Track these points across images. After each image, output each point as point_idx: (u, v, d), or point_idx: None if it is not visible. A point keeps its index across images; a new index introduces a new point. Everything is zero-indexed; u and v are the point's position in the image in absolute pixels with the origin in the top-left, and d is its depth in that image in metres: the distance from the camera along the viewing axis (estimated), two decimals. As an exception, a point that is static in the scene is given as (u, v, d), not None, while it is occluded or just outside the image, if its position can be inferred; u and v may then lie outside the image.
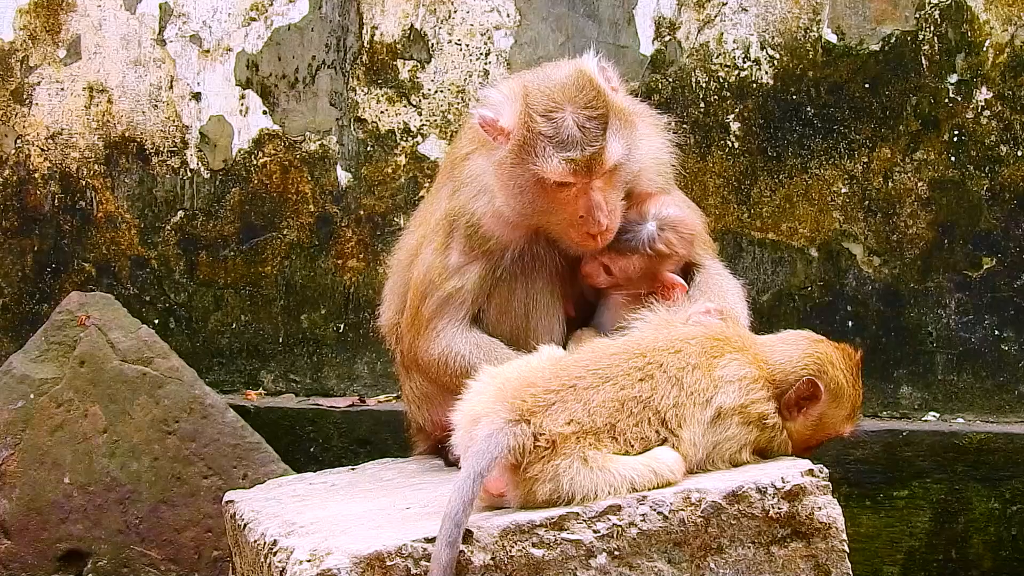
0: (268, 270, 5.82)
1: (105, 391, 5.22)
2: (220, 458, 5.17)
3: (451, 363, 4.07)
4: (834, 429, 3.77)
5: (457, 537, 3.17)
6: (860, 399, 3.80)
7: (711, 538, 3.40)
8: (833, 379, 3.70)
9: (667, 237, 4.07)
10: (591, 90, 3.90)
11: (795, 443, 3.70)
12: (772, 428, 3.63)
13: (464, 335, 4.09)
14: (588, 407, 3.39)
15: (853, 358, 3.78)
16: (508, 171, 3.95)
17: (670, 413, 3.48)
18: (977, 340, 5.35)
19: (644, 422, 3.44)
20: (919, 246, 5.38)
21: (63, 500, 5.16)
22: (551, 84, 3.93)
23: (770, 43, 5.42)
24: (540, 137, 3.86)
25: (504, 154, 3.94)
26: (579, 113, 3.86)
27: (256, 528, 3.70)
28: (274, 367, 5.83)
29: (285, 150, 5.79)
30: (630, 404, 3.44)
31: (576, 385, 3.43)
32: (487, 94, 4.06)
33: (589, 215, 3.92)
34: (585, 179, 3.88)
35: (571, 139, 3.85)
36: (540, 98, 3.90)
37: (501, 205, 4.01)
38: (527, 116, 3.89)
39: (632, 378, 3.48)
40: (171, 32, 5.85)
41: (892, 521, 5.13)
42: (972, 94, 5.31)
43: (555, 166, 3.85)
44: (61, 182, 5.93)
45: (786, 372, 3.66)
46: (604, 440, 3.38)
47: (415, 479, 4.13)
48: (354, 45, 5.71)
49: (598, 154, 3.86)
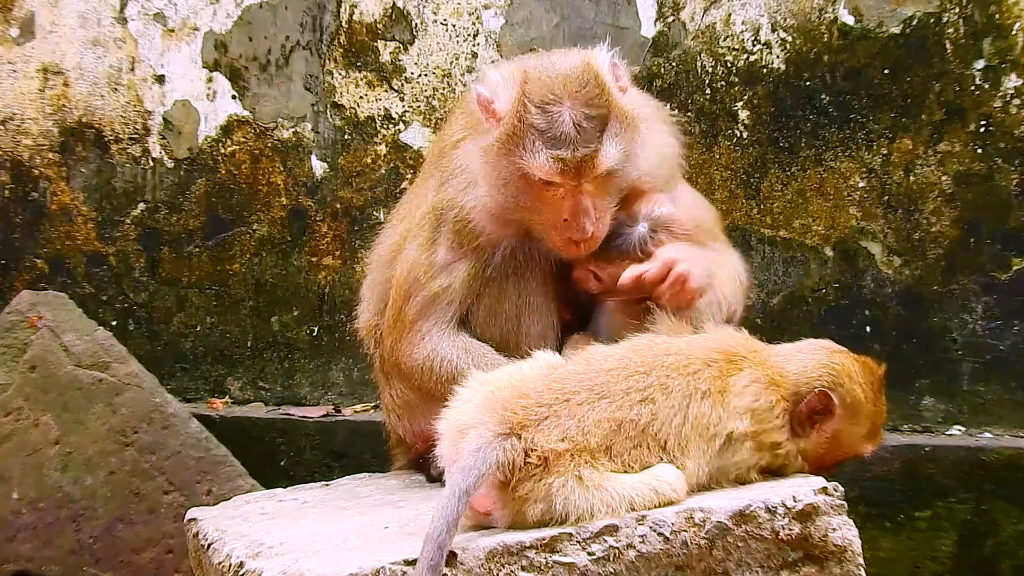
0: (236, 268, 5.82)
1: (58, 399, 5.21)
2: (182, 472, 5.17)
3: (436, 368, 4.07)
4: (851, 448, 3.75)
5: (440, 560, 3.15)
6: (882, 417, 3.78)
7: (716, 562, 3.39)
8: (850, 392, 3.67)
9: (659, 240, 4.05)
10: (595, 87, 3.89)
11: (809, 462, 3.68)
12: (785, 456, 3.61)
13: (451, 338, 4.08)
14: (583, 425, 3.36)
15: (875, 372, 3.75)
16: (493, 160, 3.95)
17: (672, 443, 3.45)
18: (1006, 347, 5.35)
19: (643, 446, 3.42)
20: (943, 245, 5.38)
21: (11, 517, 5.15)
22: (552, 74, 3.91)
23: (782, 25, 5.43)
24: (531, 129, 3.85)
25: (491, 141, 3.94)
26: (577, 110, 3.84)
27: (221, 549, 3.69)
28: (242, 373, 5.84)
29: (255, 138, 5.79)
30: (627, 427, 3.41)
31: (570, 400, 3.40)
32: (487, 72, 4.06)
33: (574, 220, 3.90)
34: (573, 181, 3.87)
35: (564, 137, 3.83)
36: (538, 87, 3.88)
37: (485, 197, 4.01)
38: (521, 104, 3.88)
39: (631, 399, 3.44)
40: (133, 10, 5.85)
41: (913, 544, 5.13)
42: (1000, 81, 5.32)
43: (542, 163, 3.84)
44: (12, 171, 5.94)
45: (799, 384, 3.64)
46: (600, 459, 3.36)
47: (395, 496, 4.12)
48: (331, 24, 5.72)
49: (590, 157, 3.84)
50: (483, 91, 3.97)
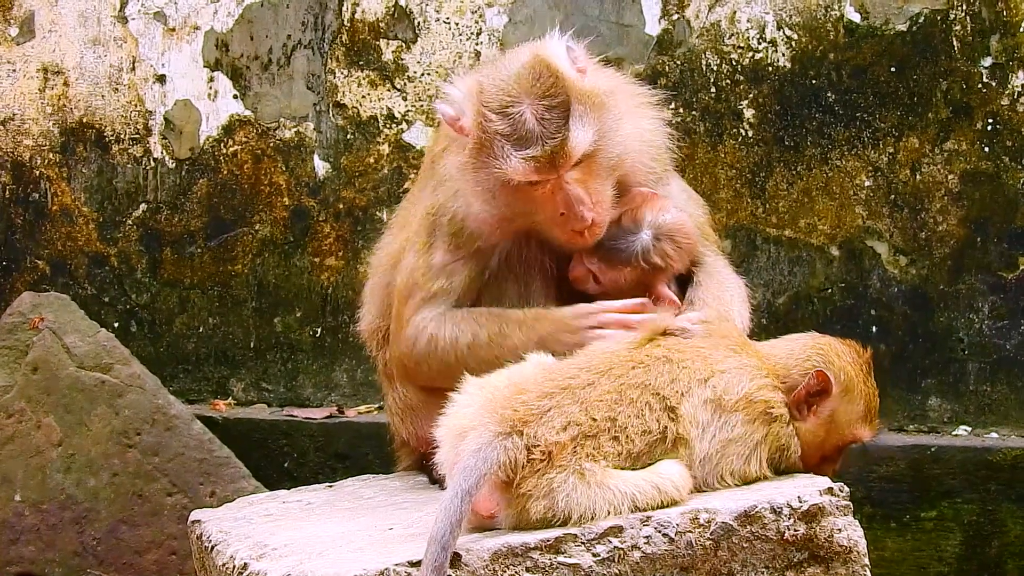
0: (238, 269, 5.82)
1: (60, 400, 5.22)
2: (185, 474, 5.18)
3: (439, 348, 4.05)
4: (850, 431, 3.77)
5: (444, 561, 3.16)
6: (875, 398, 3.81)
7: (721, 562, 3.40)
8: (842, 370, 3.72)
9: (663, 248, 4.05)
10: (548, 77, 3.87)
11: (809, 449, 3.70)
12: (779, 420, 3.63)
13: (449, 317, 4.07)
14: (585, 404, 3.42)
15: (862, 355, 3.81)
16: (472, 175, 3.96)
17: (669, 389, 3.51)
18: (1012, 347, 5.35)
19: (645, 409, 3.45)
20: (949, 244, 5.39)
21: (14, 519, 5.17)
22: (505, 76, 3.91)
23: (787, 22, 5.43)
24: (497, 136, 3.85)
25: (465, 158, 3.96)
26: (536, 104, 3.84)
27: (225, 550, 3.70)
28: (245, 375, 5.84)
29: (257, 138, 5.79)
30: (629, 391, 3.46)
31: (571, 385, 3.46)
32: (448, 91, 4.05)
33: (570, 211, 3.90)
34: (552, 175, 3.87)
35: (529, 135, 3.83)
36: (494, 93, 3.88)
37: (479, 210, 4.02)
38: (481, 115, 3.88)
39: (629, 367, 3.53)
40: (133, 8, 5.85)
41: (919, 545, 5.14)
42: (1008, 79, 5.32)
43: (515, 166, 3.84)
44: (13, 172, 5.93)
45: (789, 367, 3.70)
46: (604, 443, 3.39)
47: (398, 497, 4.13)
48: (333, 23, 5.72)
49: (561, 146, 3.84)
50: (447, 109, 3.98)
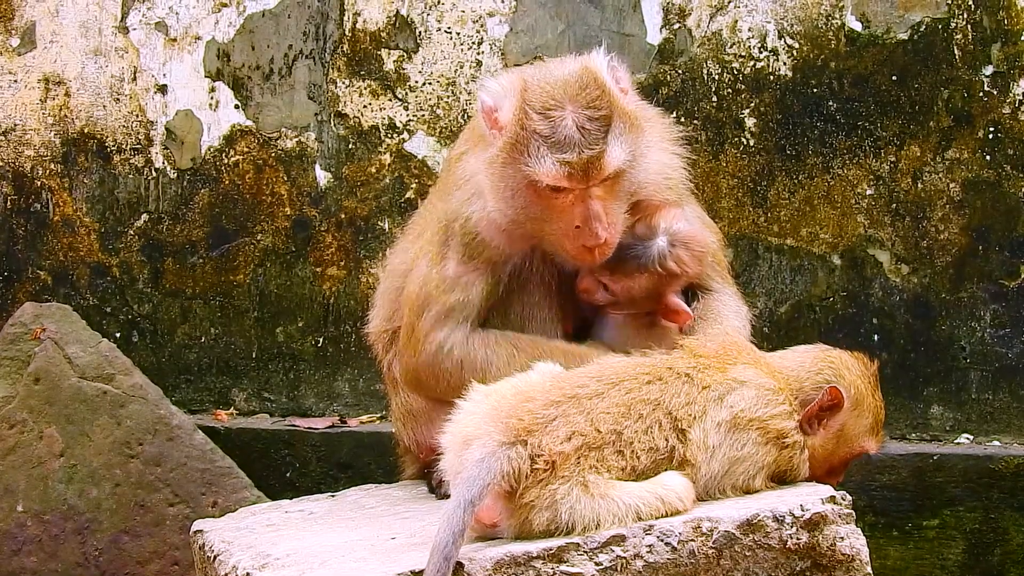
0: (240, 279, 5.83)
1: (62, 411, 5.22)
2: (188, 484, 5.18)
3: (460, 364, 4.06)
4: (857, 443, 3.79)
5: (447, 570, 3.17)
6: (882, 411, 3.83)
7: (724, 571, 3.41)
8: (852, 384, 3.75)
9: (678, 254, 4.06)
10: (595, 89, 3.91)
11: (817, 462, 3.72)
12: (792, 447, 3.65)
13: (480, 339, 4.08)
14: (592, 415, 3.41)
15: (870, 367, 3.84)
16: (499, 171, 3.97)
17: (683, 411, 3.51)
18: (1014, 356, 5.36)
19: (654, 427, 3.46)
20: (951, 253, 5.40)
21: (16, 530, 5.16)
22: (552, 80, 3.94)
23: (789, 31, 5.45)
24: (535, 136, 3.88)
25: (496, 152, 3.96)
26: (580, 113, 3.87)
27: (227, 560, 3.71)
28: (247, 385, 5.84)
29: (259, 148, 5.80)
30: (639, 407, 3.46)
31: (578, 394, 3.46)
32: (487, 82, 4.08)
33: (586, 225, 3.92)
34: (582, 184, 3.89)
35: (568, 140, 3.86)
36: (539, 94, 3.91)
37: (493, 211, 4.03)
38: (523, 112, 3.91)
39: (641, 381, 3.53)
40: (134, 19, 5.86)
41: (922, 553, 5.14)
42: (1009, 87, 5.33)
43: (548, 168, 3.86)
44: (14, 182, 5.94)
45: (801, 380, 3.71)
46: (608, 456, 3.39)
47: (401, 507, 4.14)
48: (334, 33, 5.73)
49: (597, 158, 3.87)
50: (487, 99, 3.99)
